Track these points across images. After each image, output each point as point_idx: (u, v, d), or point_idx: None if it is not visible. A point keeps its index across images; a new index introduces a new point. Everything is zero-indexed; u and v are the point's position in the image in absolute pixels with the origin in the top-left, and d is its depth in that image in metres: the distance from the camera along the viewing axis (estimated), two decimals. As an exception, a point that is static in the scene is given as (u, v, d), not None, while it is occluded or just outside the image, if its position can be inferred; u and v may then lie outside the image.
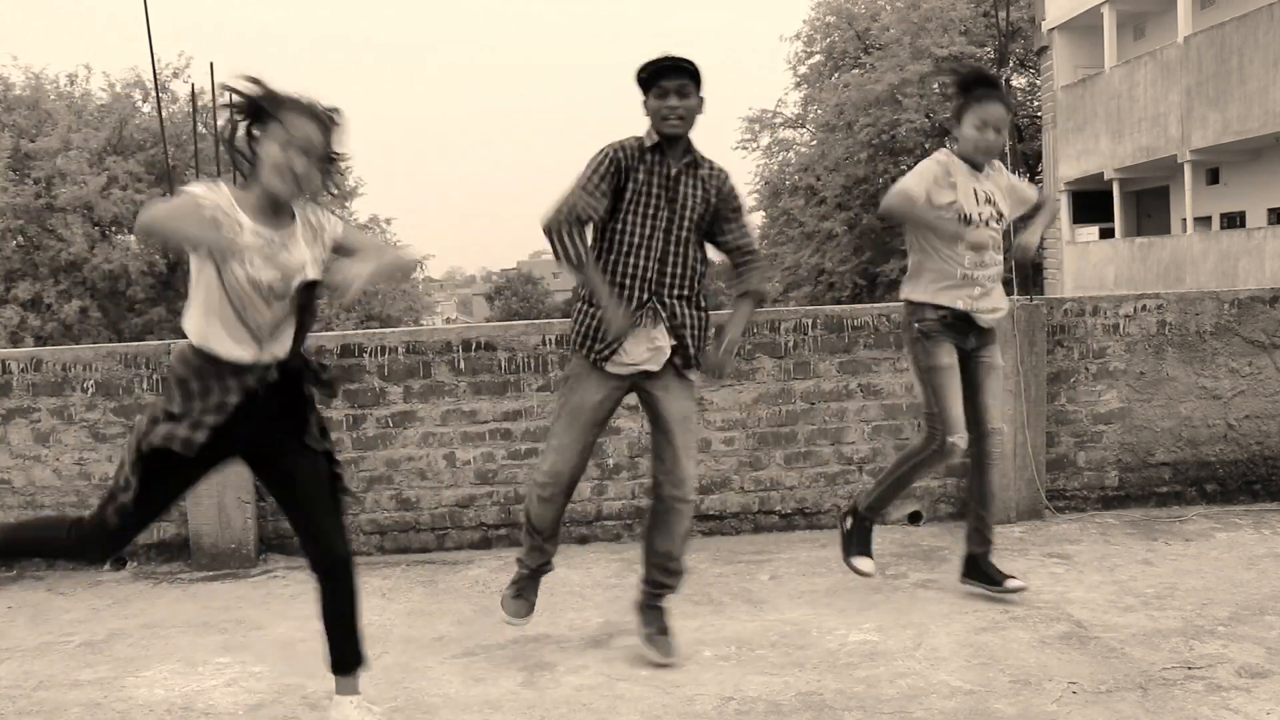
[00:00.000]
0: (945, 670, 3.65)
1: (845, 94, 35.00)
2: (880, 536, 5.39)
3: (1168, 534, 5.25)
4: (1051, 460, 5.70)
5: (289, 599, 4.83)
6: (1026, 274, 6.11)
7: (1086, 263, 24.60)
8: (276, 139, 2.94)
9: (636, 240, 3.69)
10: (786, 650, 3.90)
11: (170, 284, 32.01)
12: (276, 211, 3.03)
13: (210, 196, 2.90)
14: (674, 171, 3.71)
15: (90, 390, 5.45)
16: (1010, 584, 4.30)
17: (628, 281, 3.70)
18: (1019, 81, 32.93)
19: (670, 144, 3.71)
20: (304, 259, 3.04)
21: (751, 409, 5.59)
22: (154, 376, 5.43)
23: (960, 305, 4.16)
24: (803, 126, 39.23)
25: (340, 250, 3.15)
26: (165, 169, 29.26)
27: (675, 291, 3.74)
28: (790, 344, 5.57)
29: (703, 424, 5.56)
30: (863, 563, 4.44)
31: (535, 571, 4.01)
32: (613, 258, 3.72)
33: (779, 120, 39.53)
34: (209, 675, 3.92)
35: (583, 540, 5.55)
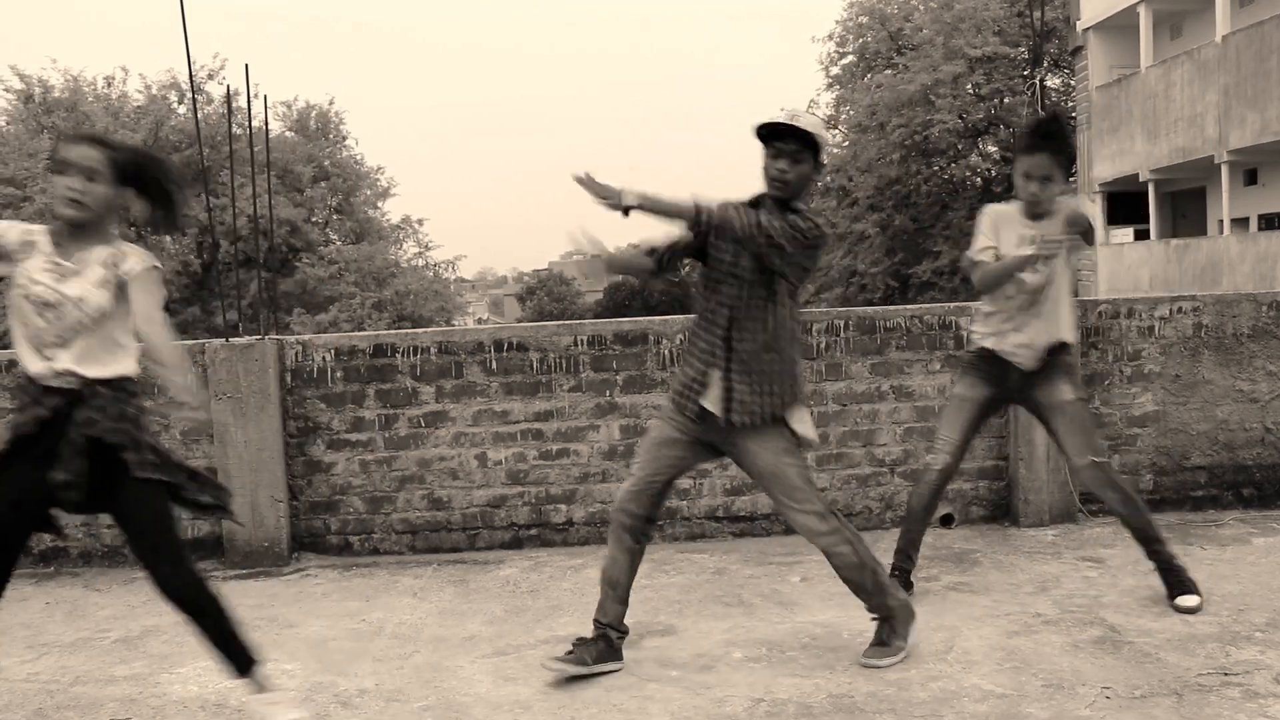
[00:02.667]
0: (977, 674, 3.63)
1: (878, 95, 34.86)
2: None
3: (1203, 539, 5.19)
4: (1085, 463, 5.64)
5: (321, 597, 4.87)
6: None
7: (1121, 264, 24.35)
8: (55, 171, 3.15)
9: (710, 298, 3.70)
10: (818, 652, 3.89)
11: (204, 284, 32.35)
12: (74, 239, 3.18)
13: (12, 224, 3.24)
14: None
15: (127, 389, 5.50)
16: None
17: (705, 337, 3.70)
18: (1053, 82, 32.67)
19: (774, 202, 3.64)
20: (82, 289, 3.14)
21: (782, 410, 5.57)
22: (189, 375, 5.48)
23: (990, 344, 4.29)
24: (835, 127, 39.08)
25: (124, 292, 3.18)
26: (200, 170, 29.56)
27: (742, 345, 3.64)
28: (822, 345, 5.56)
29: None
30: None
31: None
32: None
33: (810, 121, 39.38)
34: (242, 672, 3.95)
35: (613, 541, 5.55)
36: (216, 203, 27.50)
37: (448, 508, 5.56)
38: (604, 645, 3.80)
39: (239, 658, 3.33)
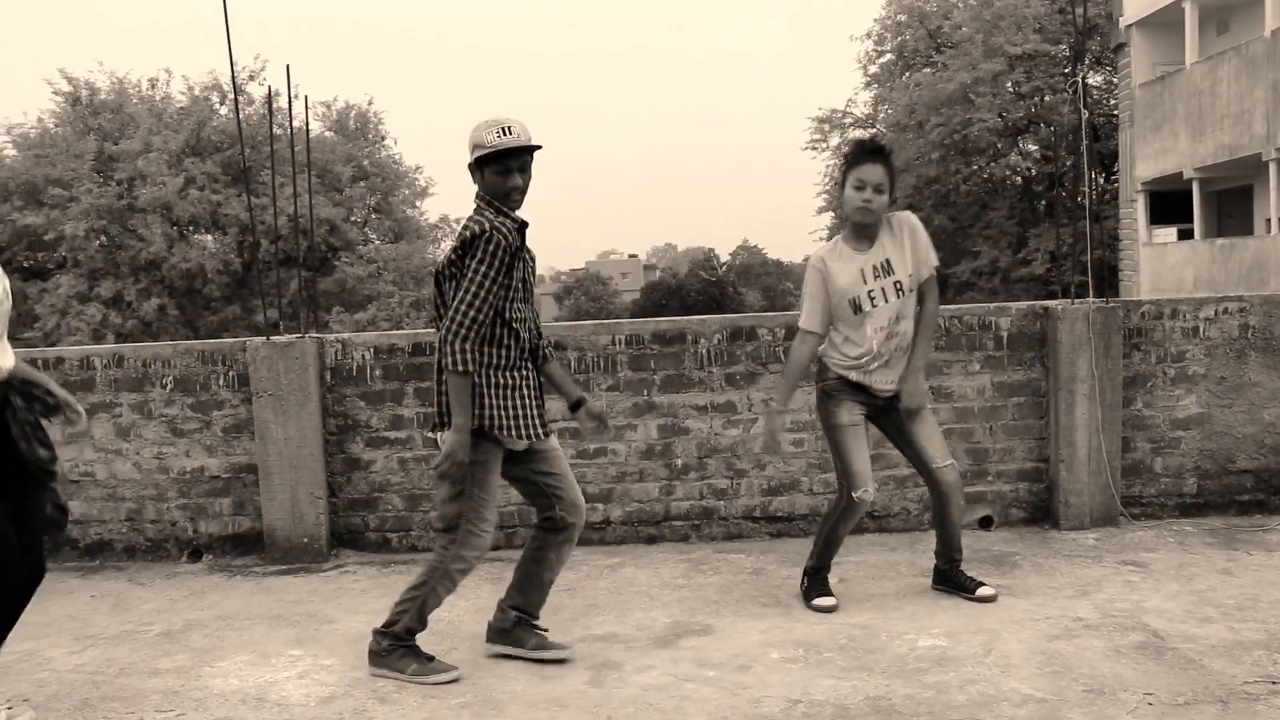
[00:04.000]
0: (1016, 677, 3.60)
1: (916, 93, 34.61)
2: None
3: (1249, 544, 5.12)
4: (1127, 466, 5.58)
5: (359, 593, 4.90)
6: (1102, 275, 5.99)
7: (1164, 264, 24.03)
8: None
9: (526, 310, 3.91)
10: (855, 654, 3.87)
11: (244, 283, 32.69)
12: None
13: None
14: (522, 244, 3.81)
15: (169, 386, 5.58)
16: (981, 591, 4.40)
17: (524, 357, 3.93)
18: (1095, 79, 32.29)
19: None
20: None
21: (820, 411, 5.55)
22: (230, 373, 5.55)
23: (854, 377, 4.30)
24: (873, 126, 38.87)
25: None
26: (241, 169, 29.85)
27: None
28: (860, 345, 5.52)
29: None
30: (822, 601, 4.44)
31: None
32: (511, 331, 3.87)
33: (849, 120, 39.24)
34: (282, 667, 4.00)
35: (651, 540, 5.55)
36: (258, 202, 27.76)
37: (485, 506, 5.57)
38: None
39: None
